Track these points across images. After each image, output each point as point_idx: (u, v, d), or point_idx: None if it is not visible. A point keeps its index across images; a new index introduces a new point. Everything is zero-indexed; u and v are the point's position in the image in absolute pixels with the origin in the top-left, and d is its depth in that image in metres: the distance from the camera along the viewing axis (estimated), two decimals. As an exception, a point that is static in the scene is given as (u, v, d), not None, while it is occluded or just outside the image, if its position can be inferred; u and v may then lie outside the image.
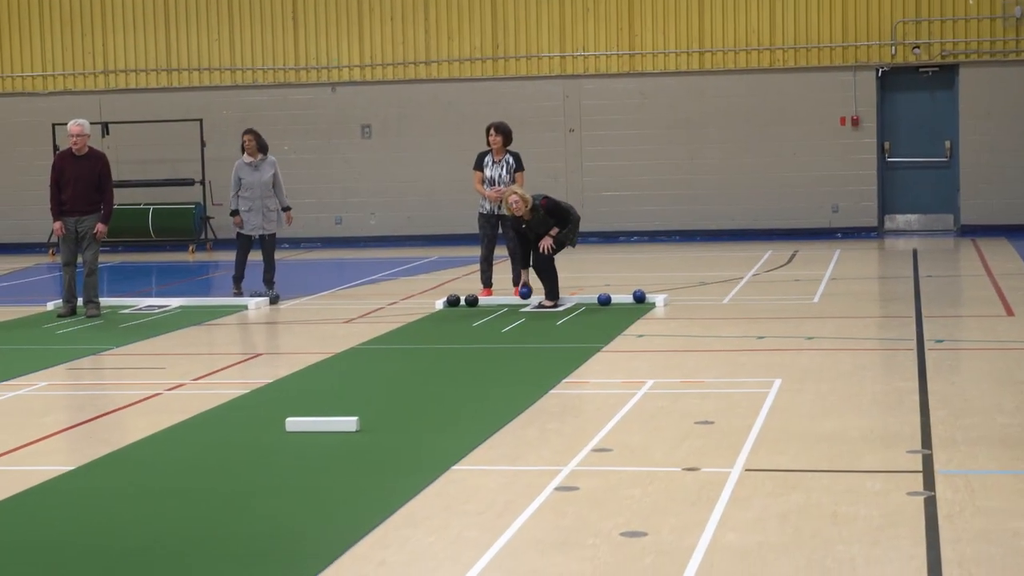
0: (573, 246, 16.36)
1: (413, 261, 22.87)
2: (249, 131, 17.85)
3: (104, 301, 17.08)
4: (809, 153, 25.35)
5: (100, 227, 16.44)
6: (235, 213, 17.64)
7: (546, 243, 15.88)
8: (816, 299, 16.68)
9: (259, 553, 7.12)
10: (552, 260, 16.02)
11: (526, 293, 16.22)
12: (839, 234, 25.30)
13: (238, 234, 17.79)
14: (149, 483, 8.68)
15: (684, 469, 8.57)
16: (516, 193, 15.80)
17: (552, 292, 16.10)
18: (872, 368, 12.17)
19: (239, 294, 17.66)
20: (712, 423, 9.82)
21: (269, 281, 17.69)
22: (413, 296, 17.97)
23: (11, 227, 26.93)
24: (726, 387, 11.21)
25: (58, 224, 16.48)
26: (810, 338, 13.54)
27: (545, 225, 15.90)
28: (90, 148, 16.69)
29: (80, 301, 16.75)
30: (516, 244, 16.16)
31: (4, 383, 12.25)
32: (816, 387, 11.05)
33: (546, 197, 16.01)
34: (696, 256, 22.83)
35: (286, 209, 17.81)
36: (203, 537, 7.44)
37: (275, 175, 17.64)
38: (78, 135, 16.53)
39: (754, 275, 19.42)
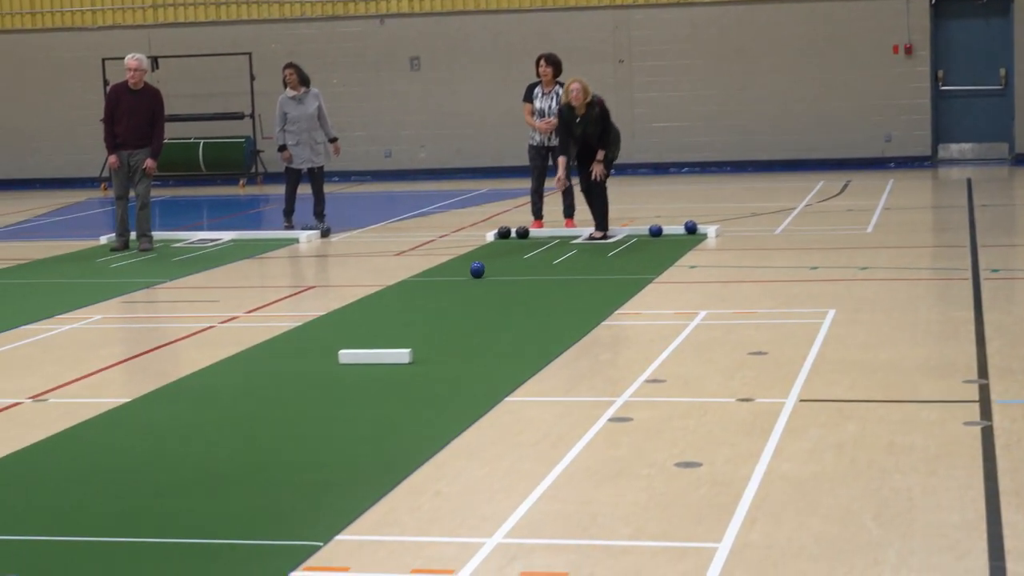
0: (613, 160, 16.12)
1: (463, 194, 22.83)
2: (289, 65, 17.79)
3: (156, 235, 17.14)
4: (861, 82, 25.10)
5: (149, 162, 16.47)
6: (283, 148, 17.61)
7: (598, 170, 15.77)
8: (870, 229, 16.56)
9: (315, 483, 7.15)
10: (605, 188, 15.92)
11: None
12: (892, 164, 25.08)
13: (287, 168, 17.78)
14: (204, 415, 8.72)
15: (738, 400, 8.54)
16: (579, 81, 15.68)
17: (602, 222, 16.02)
18: (927, 298, 12.09)
19: (290, 227, 17.67)
20: (766, 354, 9.77)
21: (319, 214, 17.70)
22: (464, 229, 17.95)
23: (64, 162, 27.03)
24: (779, 318, 11.16)
25: (113, 157, 16.51)
26: (864, 268, 13.45)
27: (594, 125, 15.71)
28: (145, 83, 16.70)
29: (133, 235, 16.81)
30: (570, 149, 15.88)
31: (60, 316, 12.33)
32: (871, 317, 10.98)
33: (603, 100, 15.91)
34: (747, 187, 22.69)
35: (332, 140, 17.77)
36: (258, 468, 7.47)
37: (320, 107, 17.59)
38: (135, 69, 16.53)
39: (806, 205, 19.29)
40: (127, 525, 6.57)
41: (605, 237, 15.98)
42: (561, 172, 15.92)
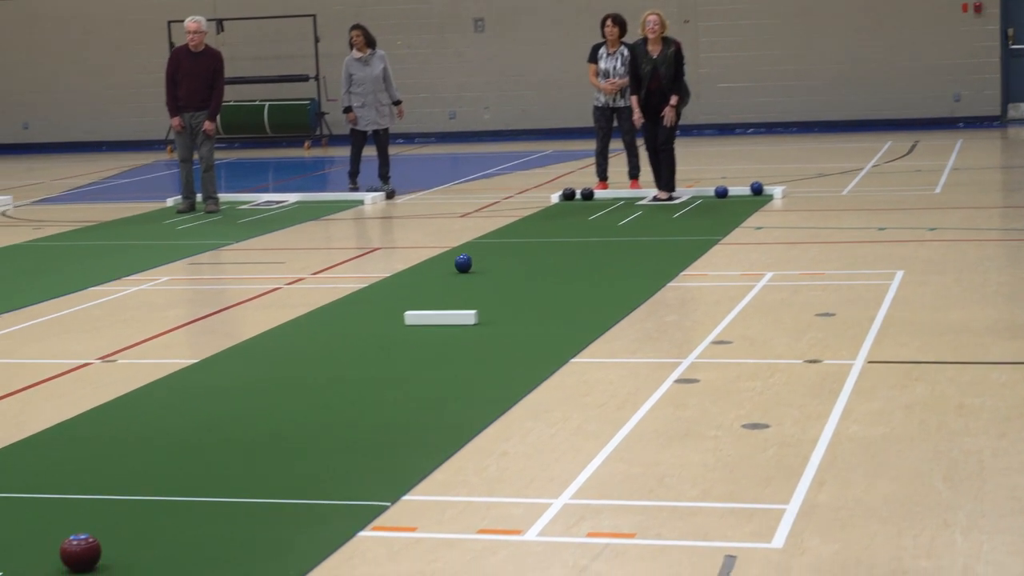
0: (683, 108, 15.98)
1: (527, 155, 22.79)
2: (356, 26, 17.75)
3: (222, 197, 17.21)
4: (930, 41, 24.82)
5: (207, 124, 16.52)
6: (348, 110, 17.59)
7: (669, 115, 15.64)
8: (938, 190, 16.40)
9: (382, 444, 7.17)
10: (673, 148, 15.80)
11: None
12: (961, 124, 24.81)
13: (352, 130, 17.78)
14: (271, 375, 8.76)
15: (806, 361, 8.49)
16: (656, 13, 15.59)
17: (669, 182, 15.93)
18: (997, 259, 11.96)
19: (355, 189, 17.70)
20: (833, 315, 9.71)
21: (384, 176, 17.71)
22: (528, 190, 17.92)
23: (129, 125, 27.17)
24: (847, 279, 11.07)
25: (176, 120, 16.58)
26: (933, 229, 13.33)
27: (668, 66, 15.59)
28: (206, 46, 16.74)
29: (199, 197, 16.90)
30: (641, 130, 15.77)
31: (127, 278, 12.41)
32: (940, 278, 10.88)
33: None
34: (814, 147, 22.52)
35: (397, 103, 17.73)
36: (325, 429, 7.50)
37: (385, 69, 17.56)
38: (195, 31, 16.58)
39: (874, 166, 19.13)
40: (195, 485, 6.61)
41: (671, 198, 15.90)
42: (636, 111, 15.75)
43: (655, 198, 15.98)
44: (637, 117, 15.75)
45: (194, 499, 6.40)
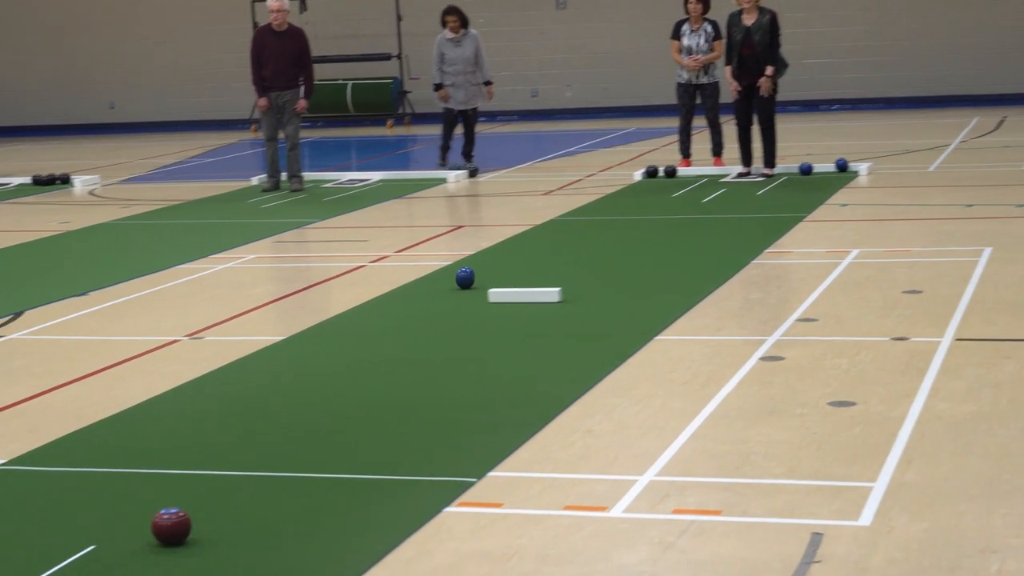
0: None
1: (610, 133, 22.74)
2: (451, 10, 17.62)
3: (306, 175, 17.30)
4: (1017, 14, 24.48)
5: (301, 103, 16.60)
6: (439, 87, 17.57)
7: (765, 84, 15.51)
8: (1026, 166, 16.22)
9: (467, 421, 7.20)
10: (774, 123, 15.65)
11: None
12: (1049, 99, 24.47)
13: (444, 108, 17.75)
14: (356, 353, 8.81)
15: (892, 339, 8.43)
16: None
17: (771, 157, 15.80)
18: (1087, 236, 11.81)
19: (444, 165, 17.70)
20: (920, 292, 9.63)
21: (468, 154, 17.73)
22: (611, 168, 17.89)
23: (213, 104, 27.38)
24: (934, 256, 10.97)
25: (262, 100, 16.66)
26: (1021, 206, 13.17)
27: (763, 34, 15.48)
28: (289, 24, 16.81)
29: (284, 176, 16.99)
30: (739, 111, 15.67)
31: (213, 256, 12.52)
32: (1028, 255, 10.76)
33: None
34: (899, 123, 22.31)
35: (488, 83, 17.71)
36: (411, 405, 7.54)
37: (478, 49, 17.54)
38: (278, 11, 16.65)
39: (961, 142, 18.92)
40: (282, 461, 6.67)
41: (771, 175, 15.76)
42: (730, 81, 15.62)
43: (739, 175, 15.89)
44: (734, 87, 15.61)
45: (281, 474, 6.46)
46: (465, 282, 10.38)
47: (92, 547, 5.61)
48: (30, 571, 5.37)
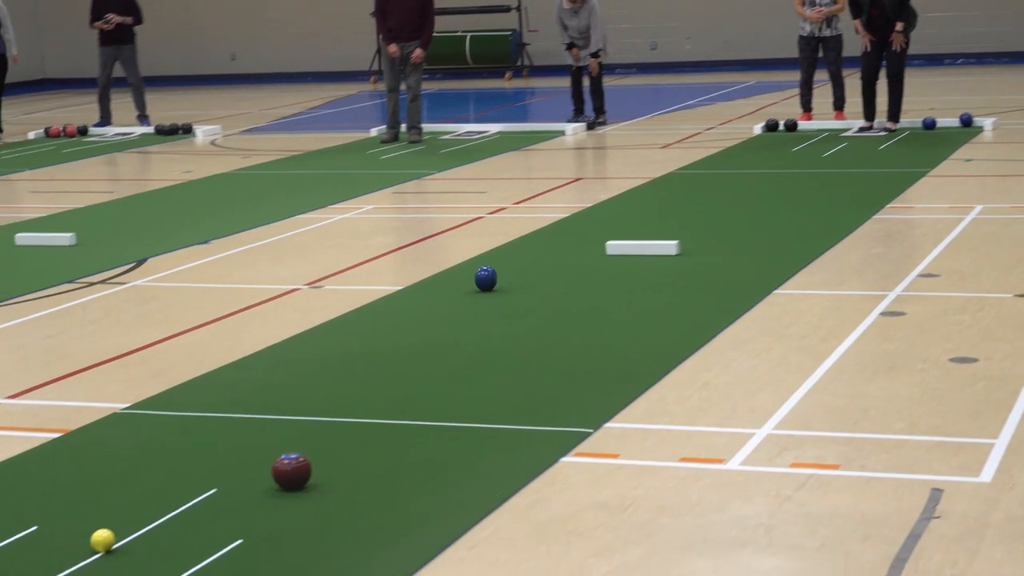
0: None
1: (730, 86, 22.55)
2: None
3: (424, 127, 17.34)
4: None
5: (417, 51, 16.60)
6: (571, 46, 17.43)
7: (898, 39, 15.29)
8: None
9: (583, 372, 7.20)
10: (903, 72, 15.40)
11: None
12: None
13: (570, 67, 17.62)
14: (474, 303, 8.84)
15: (1016, 295, 8.30)
16: None
17: (896, 111, 15.59)
18: None
19: (579, 118, 17.52)
20: (1046, 249, 9.48)
21: (599, 109, 17.58)
22: (730, 121, 17.75)
23: (333, 56, 27.51)
24: (1060, 212, 10.79)
25: (393, 46, 16.59)
26: None
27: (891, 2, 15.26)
28: (412, -24, 16.79)
29: (403, 127, 17.04)
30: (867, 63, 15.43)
31: (333, 206, 12.61)
32: None
33: None
34: (1026, 78, 21.90)
35: (594, 55, 17.43)
36: (527, 356, 7.56)
37: (592, 20, 17.31)
38: (400, -38, 16.62)
39: (1089, 97, 18.56)
40: (401, 408, 6.73)
41: (895, 129, 15.54)
42: (863, 35, 15.39)
43: (860, 128, 15.70)
44: (865, 40, 15.38)
45: (399, 422, 6.51)
46: (486, 283, 8.96)
47: (213, 491, 5.70)
48: (153, 513, 5.46)
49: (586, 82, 17.62)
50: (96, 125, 19.14)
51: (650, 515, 5.30)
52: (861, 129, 15.74)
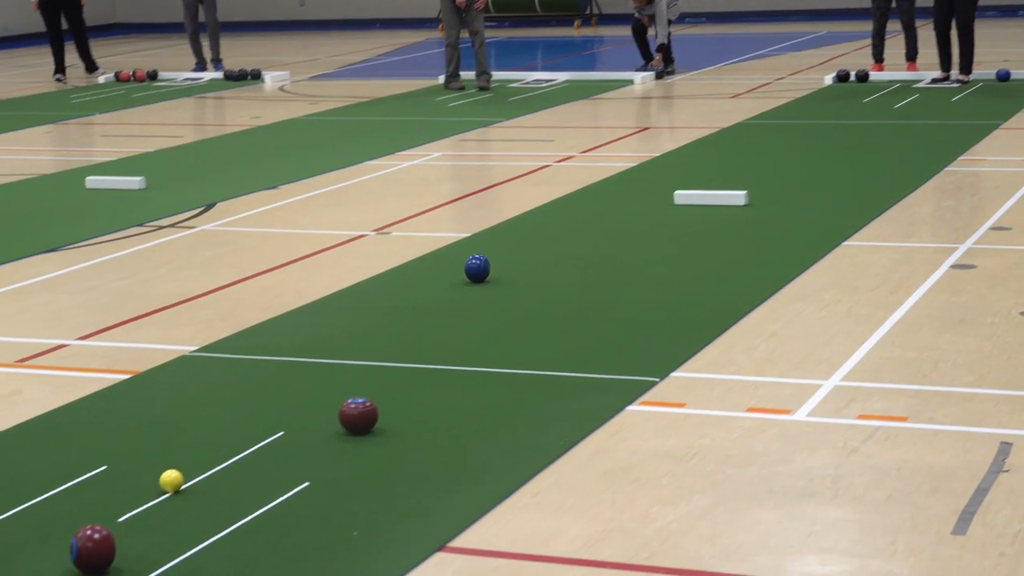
0: None
1: (800, 36, 22.34)
2: None
3: (492, 75, 17.27)
4: None
5: (479, -3, 16.48)
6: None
7: None
8: None
9: (650, 321, 7.19)
10: (972, 23, 15.20)
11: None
12: None
13: (635, 18, 17.51)
14: (540, 251, 8.83)
15: (1090, 250, 8.22)
16: None
17: (967, 63, 15.39)
18: None
19: (650, 67, 17.41)
20: (1120, 203, 9.36)
21: (664, 54, 17.45)
22: (801, 71, 17.59)
23: (401, 2, 27.46)
24: None
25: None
26: None
27: None
28: (479, -79, 16.70)
29: (469, 75, 16.96)
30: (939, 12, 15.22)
31: (400, 153, 12.62)
32: None
33: None
34: (1102, 30, 21.58)
35: (659, 48, 17.24)
36: (593, 304, 7.55)
37: (657, 10, 17.10)
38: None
39: None
40: (466, 355, 6.73)
41: (967, 81, 15.35)
42: None
43: (933, 80, 15.52)
44: None
45: (465, 368, 6.53)
46: (477, 274, 8.03)
47: (280, 433, 5.73)
48: (221, 455, 5.50)
49: (651, 32, 17.48)
50: (194, 70, 19.14)
51: (716, 465, 5.29)
52: (934, 80, 15.56)
